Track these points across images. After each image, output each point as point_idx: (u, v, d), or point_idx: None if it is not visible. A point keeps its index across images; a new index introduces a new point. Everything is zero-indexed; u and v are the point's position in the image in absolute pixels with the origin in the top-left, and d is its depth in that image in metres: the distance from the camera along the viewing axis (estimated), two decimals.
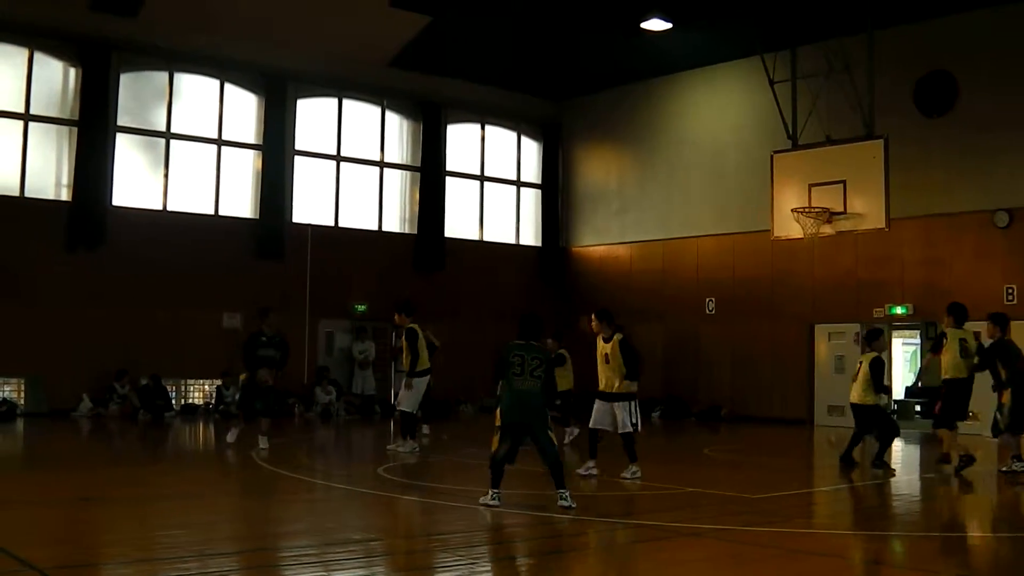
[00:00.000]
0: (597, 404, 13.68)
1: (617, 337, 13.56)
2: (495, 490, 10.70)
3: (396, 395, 17.84)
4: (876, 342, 16.11)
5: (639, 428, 13.64)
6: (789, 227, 22.06)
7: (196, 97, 25.97)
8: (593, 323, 13.76)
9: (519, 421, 10.84)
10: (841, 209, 21.18)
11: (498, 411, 10.99)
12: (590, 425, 13.74)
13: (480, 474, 14.52)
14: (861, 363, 15.92)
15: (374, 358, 27.04)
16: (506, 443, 10.82)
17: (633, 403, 13.54)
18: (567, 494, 10.64)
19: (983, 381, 15.35)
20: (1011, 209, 22.45)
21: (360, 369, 26.75)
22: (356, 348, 26.92)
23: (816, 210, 21.38)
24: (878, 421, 15.82)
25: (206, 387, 25.58)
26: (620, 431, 13.49)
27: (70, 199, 23.80)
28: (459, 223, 29.97)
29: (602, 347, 13.66)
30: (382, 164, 28.69)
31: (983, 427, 21.50)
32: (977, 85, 23.01)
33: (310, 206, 27.33)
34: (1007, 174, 22.53)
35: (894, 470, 15.50)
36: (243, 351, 17.05)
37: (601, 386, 13.63)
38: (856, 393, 15.80)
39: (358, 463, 15.18)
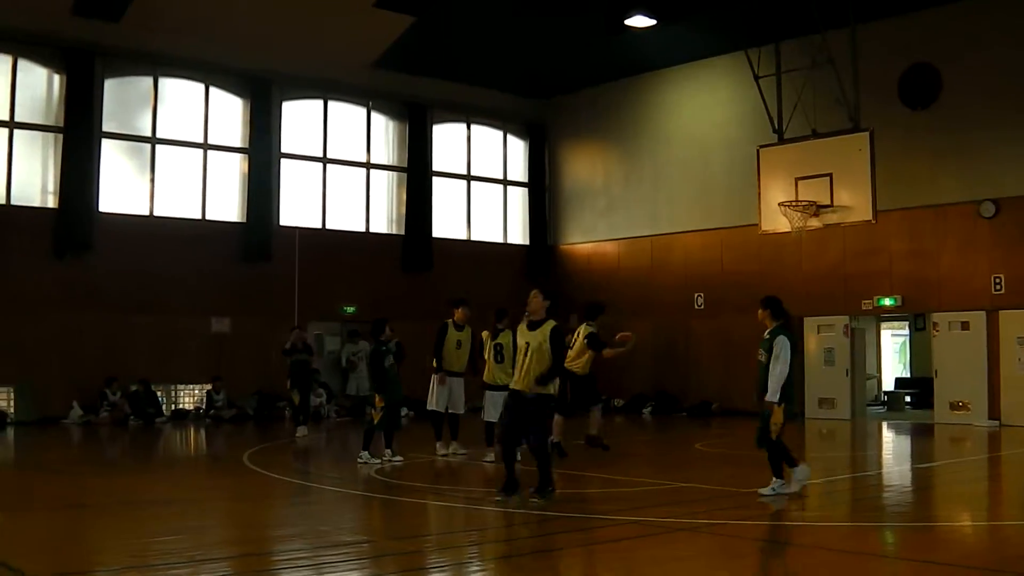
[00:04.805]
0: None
1: None
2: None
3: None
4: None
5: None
6: (776, 221, 22.07)
7: (181, 101, 25.88)
8: None
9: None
10: (828, 202, 21.20)
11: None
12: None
13: (470, 475, 14.54)
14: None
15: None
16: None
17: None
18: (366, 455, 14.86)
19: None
20: (997, 199, 22.50)
21: (353, 371, 26.60)
22: (349, 350, 26.79)
23: (803, 204, 21.40)
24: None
25: (196, 392, 25.52)
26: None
27: (56, 206, 23.71)
28: (446, 223, 29.95)
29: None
30: (368, 165, 28.66)
31: (974, 417, 21.70)
32: (960, 77, 23.05)
33: (297, 209, 27.27)
34: (992, 164, 22.58)
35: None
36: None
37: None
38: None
39: (350, 465, 15.16)
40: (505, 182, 31.41)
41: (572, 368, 15.67)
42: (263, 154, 26.43)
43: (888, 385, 31.49)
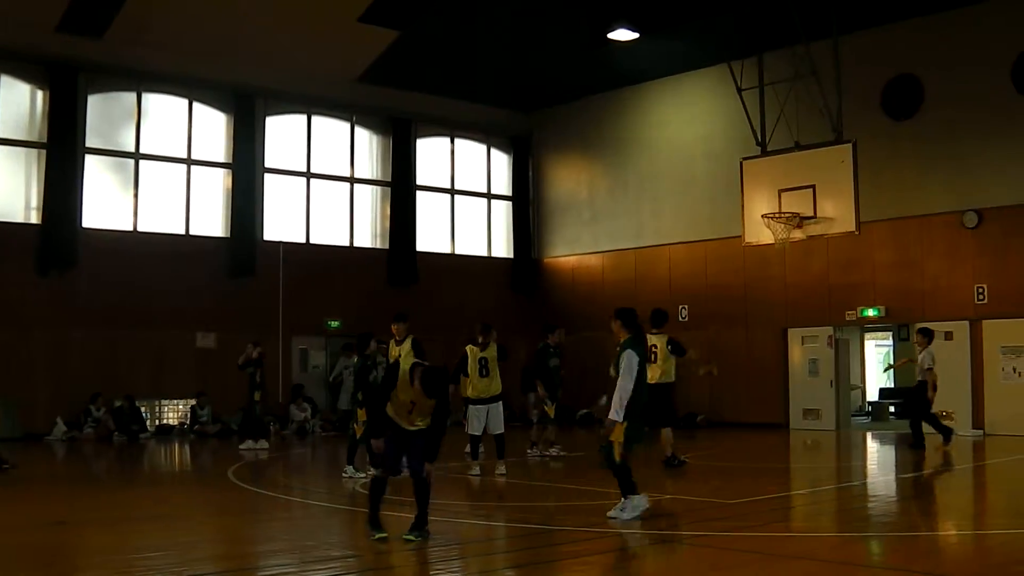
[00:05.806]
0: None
1: None
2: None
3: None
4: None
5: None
6: (760, 233, 22.13)
7: (164, 117, 25.86)
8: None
9: None
10: (811, 214, 21.27)
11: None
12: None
13: (455, 488, 14.51)
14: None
15: None
16: None
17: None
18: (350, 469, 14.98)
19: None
20: (980, 209, 22.61)
21: (344, 385, 26.21)
22: (343, 364, 26.09)
23: (786, 215, 21.47)
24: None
25: (180, 407, 25.41)
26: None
27: (40, 222, 23.67)
28: (431, 237, 29.96)
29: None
30: (352, 180, 28.65)
31: (958, 426, 21.75)
32: (942, 87, 23.18)
33: (281, 223, 27.26)
34: (975, 174, 22.69)
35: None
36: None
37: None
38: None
39: (336, 480, 15.14)
40: (489, 195, 31.43)
41: (665, 380, 16.24)
42: (247, 169, 26.41)
43: (872, 395, 31.56)
